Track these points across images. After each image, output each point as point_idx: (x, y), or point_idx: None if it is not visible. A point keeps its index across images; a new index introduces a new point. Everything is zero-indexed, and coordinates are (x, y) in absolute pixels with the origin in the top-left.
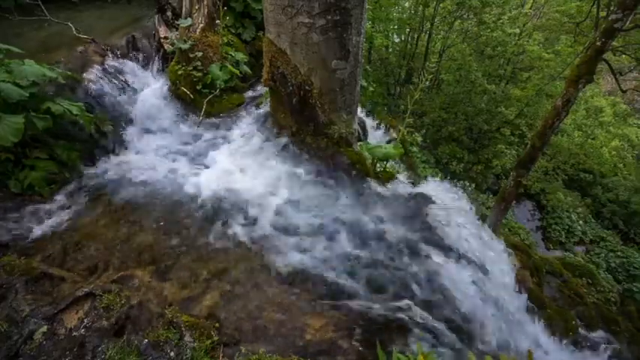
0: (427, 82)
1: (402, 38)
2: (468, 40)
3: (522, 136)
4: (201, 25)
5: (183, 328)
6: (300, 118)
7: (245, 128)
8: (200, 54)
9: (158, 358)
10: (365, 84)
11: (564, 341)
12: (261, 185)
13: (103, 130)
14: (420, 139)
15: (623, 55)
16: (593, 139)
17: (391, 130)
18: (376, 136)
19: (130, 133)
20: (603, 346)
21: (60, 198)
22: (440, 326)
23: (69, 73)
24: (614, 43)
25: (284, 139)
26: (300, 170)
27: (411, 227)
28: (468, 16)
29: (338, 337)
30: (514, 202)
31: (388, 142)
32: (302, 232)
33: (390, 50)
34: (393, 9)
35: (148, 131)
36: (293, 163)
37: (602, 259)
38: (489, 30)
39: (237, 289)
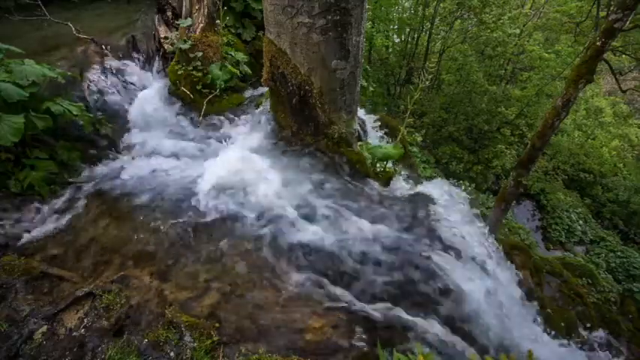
0: (427, 82)
1: (402, 38)
2: (468, 41)
3: (522, 136)
4: (201, 25)
5: (183, 328)
6: (300, 118)
7: (245, 128)
8: (200, 54)
9: (158, 358)
10: (365, 84)
11: (564, 341)
12: (260, 185)
13: (102, 130)
14: (420, 139)
15: (623, 55)
16: (593, 139)
17: (391, 130)
18: (376, 136)
19: (130, 133)
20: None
21: (60, 198)
22: (440, 326)
23: (69, 73)
24: (614, 43)
25: (284, 139)
26: (300, 170)
27: (411, 227)
28: (468, 16)
29: (338, 337)
30: (514, 202)
31: (388, 141)
32: (301, 232)
33: (390, 50)
34: (393, 9)
35: (147, 131)
36: (293, 163)
37: (602, 259)
38: (489, 30)
39: (238, 289)
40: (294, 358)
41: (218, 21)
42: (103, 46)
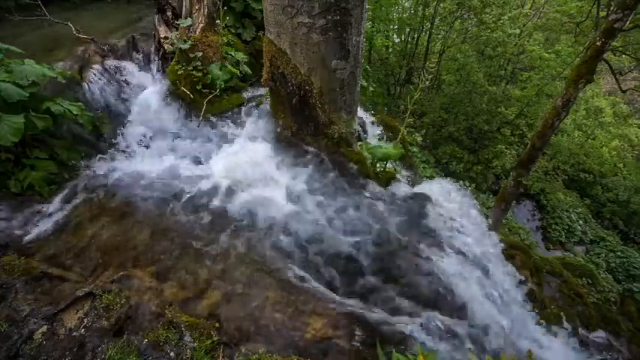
0: (427, 82)
1: (402, 38)
2: (468, 41)
3: (522, 136)
4: (201, 25)
5: (183, 328)
6: (300, 118)
7: (245, 128)
8: (200, 54)
9: (158, 358)
10: (365, 84)
11: (564, 341)
12: (261, 185)
13: (102, 130)
14: (420, 139)
15: (623, 55)
16: (593, 139)
17: (391, 130)
18: (376, 136)
19: (130, 133)
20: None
21: (60, 198)
22: (440, 325)
23: (69, 72)
24: (614, 43)
25: (284, 139)
26: (300, 171)
27: (411, 227)
28: (468, 16)
29: (338, 337)
30: (514, 202)
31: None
32: (302, 232)
33: (390, 50)
34: (393, 9)
35: (147, 131)
36: (293, 163)
37: (602, 259)
38: (489, 30)
39: (238, 289)
40: (294, 358)
41: (218, 21)
42: (103, 46)
